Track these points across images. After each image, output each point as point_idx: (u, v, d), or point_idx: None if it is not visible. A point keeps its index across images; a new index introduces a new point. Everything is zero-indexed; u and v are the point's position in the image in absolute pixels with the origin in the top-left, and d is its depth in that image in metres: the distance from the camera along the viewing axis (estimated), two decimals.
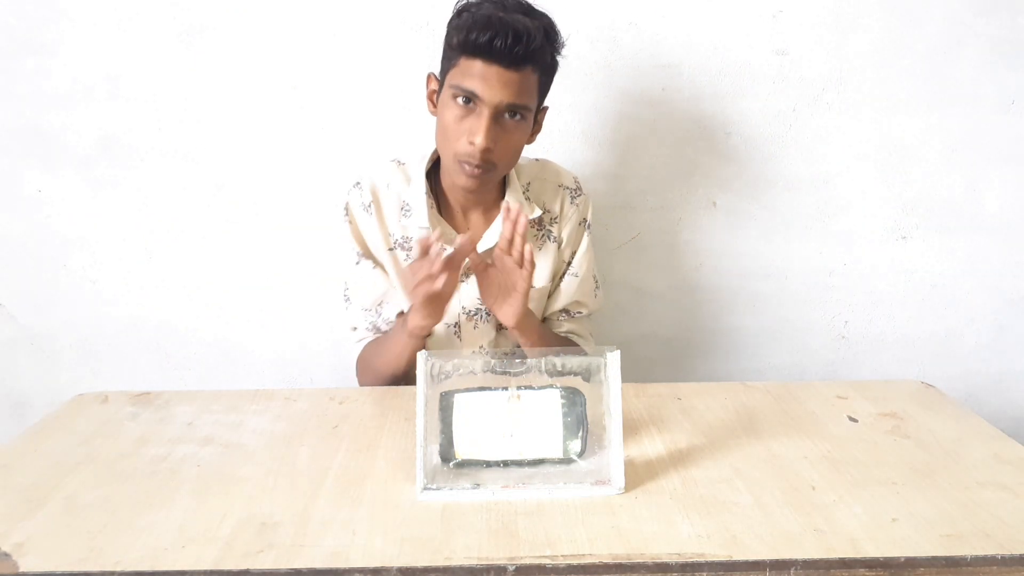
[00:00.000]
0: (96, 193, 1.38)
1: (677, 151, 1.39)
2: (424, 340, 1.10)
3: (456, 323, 1.18)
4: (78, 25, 1.30)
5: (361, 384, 1.22)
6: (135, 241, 1.41)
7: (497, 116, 1.03)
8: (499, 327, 1.20)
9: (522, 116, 1.05)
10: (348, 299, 1.20)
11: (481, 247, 1.14)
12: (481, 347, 1.19)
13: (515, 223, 0.99)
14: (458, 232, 1.16)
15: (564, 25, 1.29)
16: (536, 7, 1.05)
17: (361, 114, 1.35)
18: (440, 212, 1.16)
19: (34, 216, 1.39)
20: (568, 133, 1.38)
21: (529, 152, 1.30)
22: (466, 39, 0.99)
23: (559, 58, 1.11)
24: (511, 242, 1.00)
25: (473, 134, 1.02)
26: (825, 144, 1.39)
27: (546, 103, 1.14)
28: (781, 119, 1.38)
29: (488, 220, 1.17)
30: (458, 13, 1.04)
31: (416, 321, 1.05)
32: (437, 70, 1.11)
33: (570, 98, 1.36)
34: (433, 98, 1.12)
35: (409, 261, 1.17)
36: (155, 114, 1.34)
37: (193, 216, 1.40)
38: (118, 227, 1.40)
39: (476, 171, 1.04)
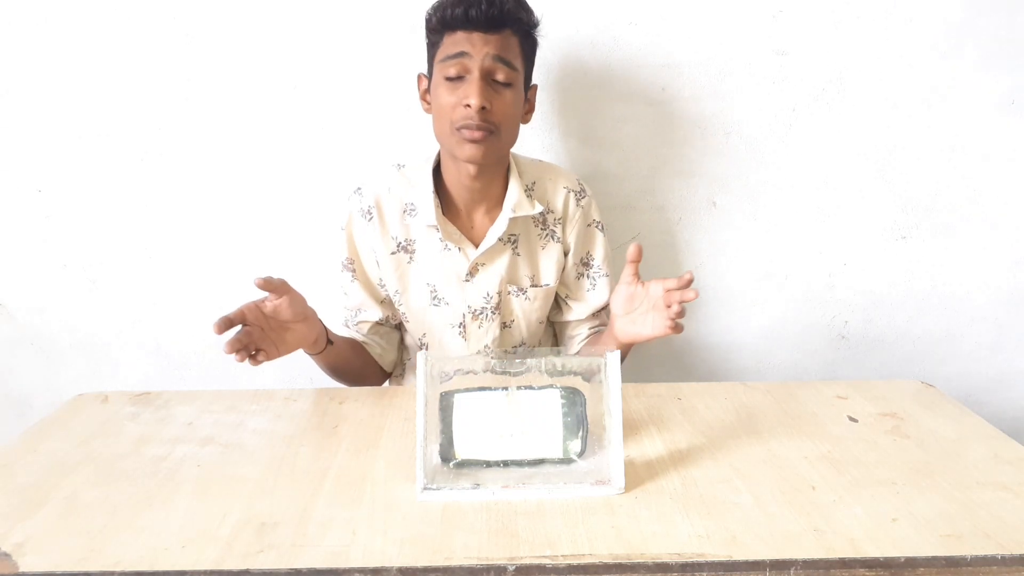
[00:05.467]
0: (96, 193, 1.38)
1: (677, 151, 1.39)
2: (322, 354, 1.11)
3: (461, 323, 1.19)
4: (78, 24, 1.30)
5: None
6: (135, 241, 1.41)
7: (487, 78, 1.05)
8: (503, 325, 1.21)
9: (509, 80, 1.07)
10: (345, 294, 1.24)
11: (483, 246, 1.15)
12: (486, 346, 1.20)
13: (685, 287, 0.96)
14: (462, 232, 1.16)
15: (564, 25, 1.30)
16: None
17: (362, 114, 1.35)
18: (445, 214, 1.16)
19: (34, 216, 1.39)
20: (568, 133, 1.38)
21: (531, 153, 1.31)
22: (443, 17, 1.05)
23: (538, 37, 1.13)
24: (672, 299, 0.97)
25: (467, 97, 1.04)
26: (825, 144, 1.39)
27: (534, 82, 1.16)
28: (781, 119, 1.38)
29: (490, 218, 1.17)
30: (433, 4, 1.09)
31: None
32: (426, 71, 1.13)
33: (570, 98, 1.36)
34: (426, 97, 1.14)
35: (413, 263, 1.18)
36: (155, 114, 1.34)
37: (193, 216, 1.40)
38: (118, 227, 1.40)
39: (477, 134, 1.05)
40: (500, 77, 1.06)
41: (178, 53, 1.32)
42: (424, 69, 1.15)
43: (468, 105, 1.03)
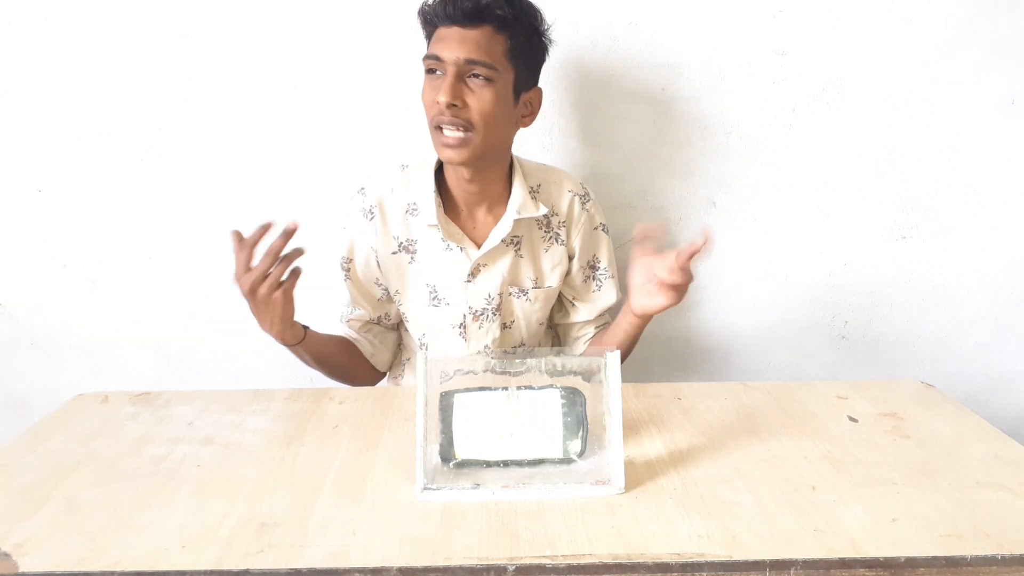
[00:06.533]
0: (96, 193, 1.38)
1: (677, 151, 1.39)
2: (302, 344, 1.10)
3: (461, 323, 1.19)
4: (78, 24, 1.30)
5: None
6: (135, 241, 1.41)
7: (460, 75, 1.04)
8: (503, 326, 1.20)
9: (487, 78, 1.04)
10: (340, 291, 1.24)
11: (486, 247, 1.15)
12: (486, 346, 1.20)
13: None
14: (464, 231, 1.16)
15: (564, 25, 1.30)
16: None
17: (363, 114, 1.35)
18: (447, 213, 1.16)
19: (34, 216, 1.39)
20: (568, 133, 1.38)
21: (531, 153, 1.30)
22: (425, 12, 1.07)
23: (546, 41, 1.11)
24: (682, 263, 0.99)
25: (438, 93, 1.03)
26: (825, 144, 1.39)
27: (539, 86, 1.14)
28: (781, 119, 1.38)
29: (495, 218, 1.17)
30: (420, 6, 1.10)
31: (263, 328, 1.05)
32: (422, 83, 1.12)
33: (570, 98, 1.36)
34: None
35: (413, 263, 1.18)
36: (155, 114, 1.34)
37: (193, 216, 1.40)
38: (118, 227, 1.40)
39: (451, 135, 1.04)
40: (475, 75, 1.04)
41: (178, 53, 1.32)
42: (418, 76, 1.14)
43: (438, 102, 1.03)
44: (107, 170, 1.37)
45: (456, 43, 1.03)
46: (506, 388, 0.83)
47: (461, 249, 1.15)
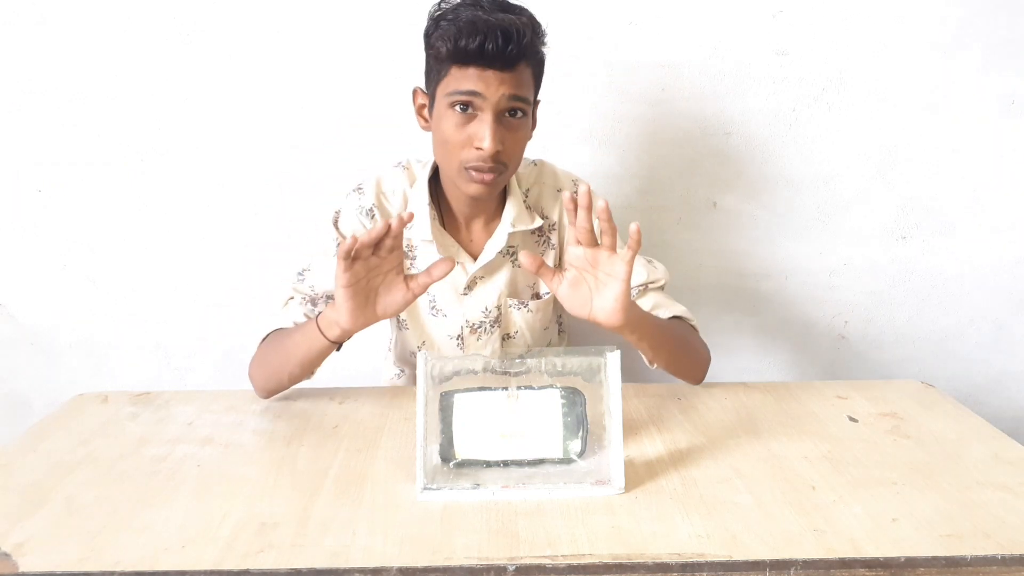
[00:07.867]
0: (96, 193, 1.38)
1: (677, 151, 1.39)
2: (328, 349, 0.96)
3: (459, 335, 1.18)
4: (78, 24, 1.30)
5: (255, 384, 1.04)
6: (135, 241, 1.41)
7: (499, 117, 0.99)
8: (504, 337, 1.19)
9: (523, 112, 1.01)
10: (303, 275, 1.11)
11: (482, 259, 1.13)
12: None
13: (589, 208, 0.86)
14: (460, 244, 1.14)
15: (564, 25, 1.30)
16: (514, 1, 1.01)
17: (362, 115, 1.35)
18: (443, 224, 1.13)
19: (34, 216, 1.39)
20: (568, 133, 1.38)
21: (529, 152, 1.30)
22: (455, 47, 0.95)
23: (544, 50, 1.06)
24: (590, 231, 0.87)
25: (479, 139, 0.97)
26: (825, 144, 1.39)
27: (539, 97, 1.13)
28: (781, 119, 1.38)
29: (489, 231, 1.14)
30: (435, 22, 0.99)
31: (331, 315, 0.92)
32: (421, 82, 1.08)
33: (570, 98, 1.36)
34: (423, 112, 1.08)
35: (412, 269, 1.15)
36: (155, 114, 1.34)
37: (193, 216, 1.40)
38: (118, 227, 1.40)
39: (487, 177, 1.00)
40: (512, 111, 1.00)
41: (177, 53, 1.32)
42: (418, 77, 1.11)
43: (480, 148, 0.98)
44: (107, 170, 1.37)
45: (496, 86, 0.96)
46: (506, 388, 0.83)
47: (457, 262, 1.13)
